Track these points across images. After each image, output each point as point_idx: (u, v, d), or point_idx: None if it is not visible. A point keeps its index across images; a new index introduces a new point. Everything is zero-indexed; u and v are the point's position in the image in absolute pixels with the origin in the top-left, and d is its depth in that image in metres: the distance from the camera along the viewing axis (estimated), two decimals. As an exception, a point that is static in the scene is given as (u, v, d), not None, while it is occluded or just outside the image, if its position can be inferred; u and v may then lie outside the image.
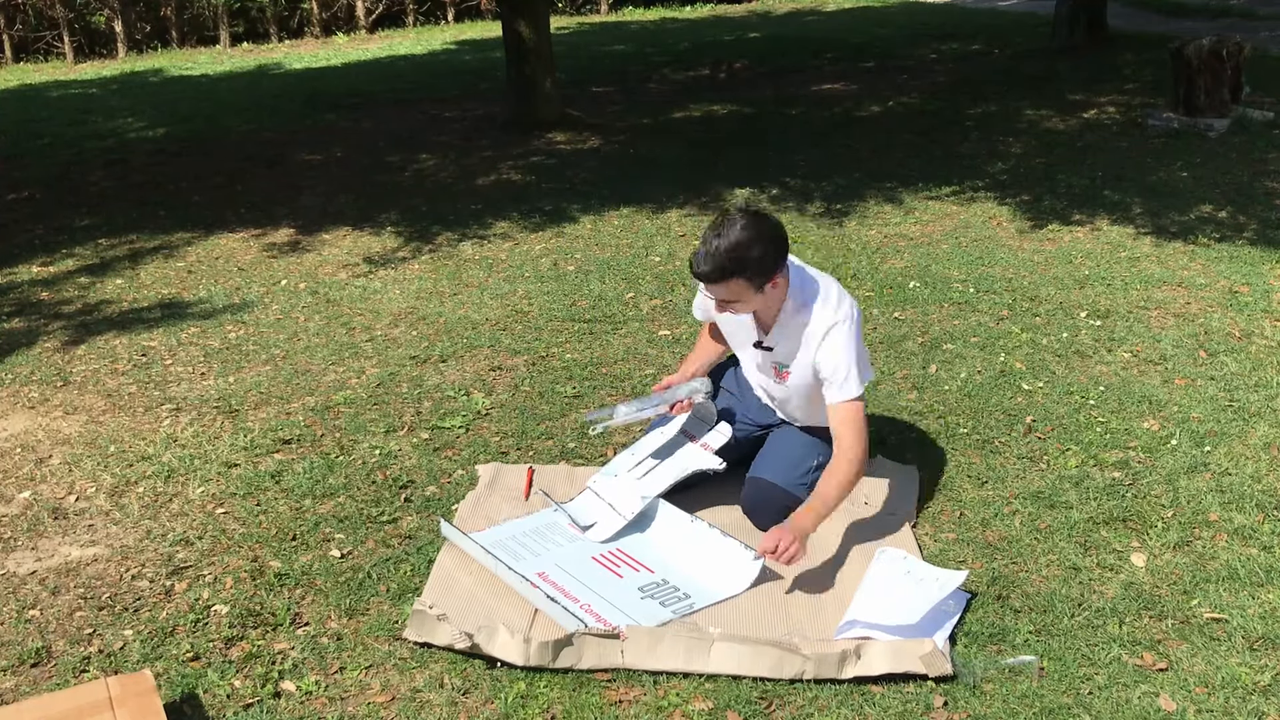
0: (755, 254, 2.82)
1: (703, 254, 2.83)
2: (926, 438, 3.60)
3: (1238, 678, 2.45)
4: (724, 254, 2.80)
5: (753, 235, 2.81)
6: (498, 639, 2.53)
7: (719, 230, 2.82)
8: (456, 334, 4.70)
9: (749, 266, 2.82)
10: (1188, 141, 7.37)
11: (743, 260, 2.81)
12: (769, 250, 2.84)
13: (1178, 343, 4.25)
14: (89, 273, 5.85)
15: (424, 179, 7.68)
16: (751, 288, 2.87)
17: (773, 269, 2.87)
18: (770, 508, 3.07)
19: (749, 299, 2.91)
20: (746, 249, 2.80)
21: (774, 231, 2.87)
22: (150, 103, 11.47)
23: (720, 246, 2.81)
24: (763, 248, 2.83)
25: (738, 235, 2.80)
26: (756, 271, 2.84)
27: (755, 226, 2.83)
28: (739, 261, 2.81)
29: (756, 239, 2.82)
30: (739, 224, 2.82)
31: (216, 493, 3.43)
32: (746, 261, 2.82)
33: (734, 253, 2.80)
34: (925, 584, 2.68)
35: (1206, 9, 13.51)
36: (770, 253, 2.85)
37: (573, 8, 18.35)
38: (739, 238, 2.80)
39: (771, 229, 2.86)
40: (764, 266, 2.84)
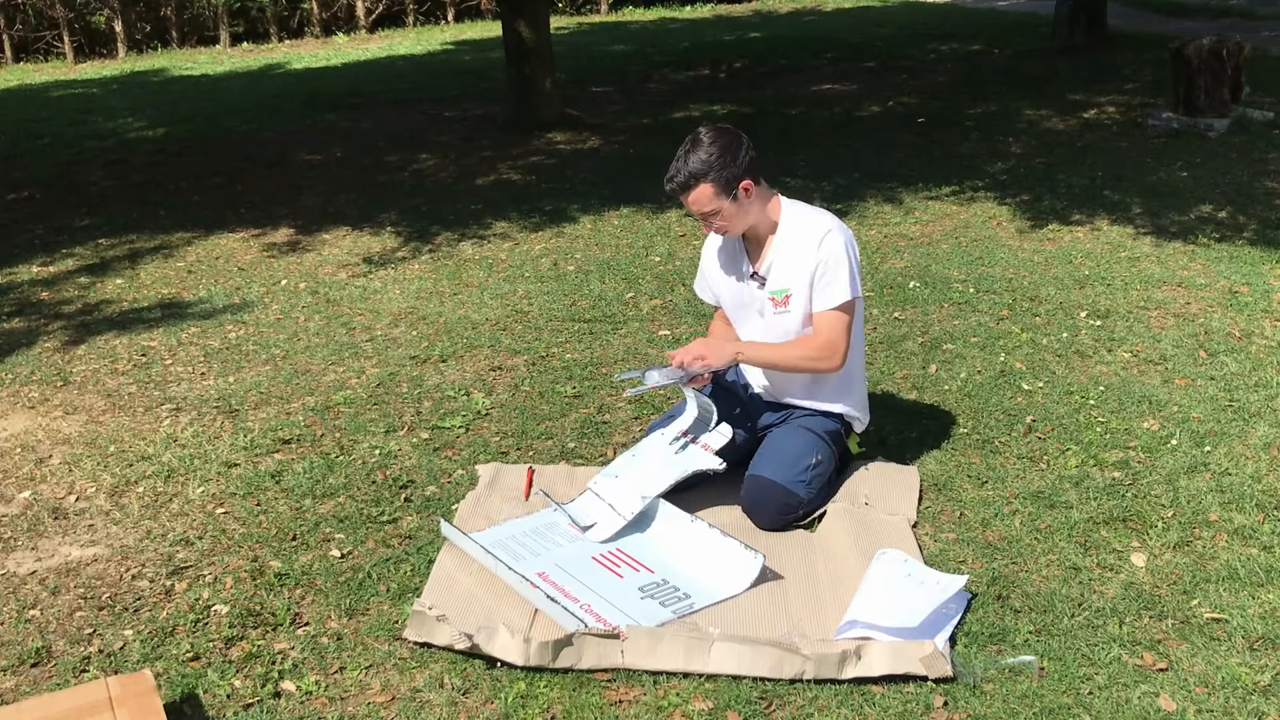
0: (717, 155, 2.99)
1: (671, 170, 3.03)
2: (926, 438, 3.60)
3: (1238, 678, 2.45)
4: (689, 160, 3.00)
5: (713, 138, 3.02)
6: (498, 639, 2.53)
7: (685, 145, 3.04)
8: (456, 334, 4.70)
9: (713, 167, 2.99)
10: (1188, 141, 7.38)
11: (707, 162, 2.99)
12: (729, 148, 3.01)
13: (1178, 343, 4.25)
14: (89, 273, 5.85)
15: (424, 179, 7.68)
16: (723, 193, 3.01)
17: (738, 168, 3.01)
18: (770, 506, 3.08)
19: (727, 209, 3.04)
20: (708, 151, 3.00)
21: (734, 137, 3.04)
22: (150, 103, 11.48)
23: (684, 154, 3.02)
24: (722, 147, 3.00)
25: (701, 142, 3.01)
26: (721, 169, 2.99)
27: (716, 133, 3.04)
28: (704, 163, 2.99)
29: (716, 140, 3.01)
30: (702, 133, 3.04)
31: (216, 493, 3.43)
32: (710, 163, 2.99)
33: (698, 158, 3.00)
34: (926, 586, 2.68)
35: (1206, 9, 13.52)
36: (731, 150, 3.01)
37: (573, 8, 18.35)
38: (702, 143, 3.01)
39: (731, 135, 3.04)
40: (727, 164, 2.99)
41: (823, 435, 3.21)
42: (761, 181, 3.09)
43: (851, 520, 3.05)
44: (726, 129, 3.06)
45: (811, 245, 3.07)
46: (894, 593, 2.67)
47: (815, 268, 3.06)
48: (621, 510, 3.08)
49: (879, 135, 8.24)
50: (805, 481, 3.09)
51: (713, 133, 3.04)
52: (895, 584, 2.70)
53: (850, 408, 3.29)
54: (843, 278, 3.06)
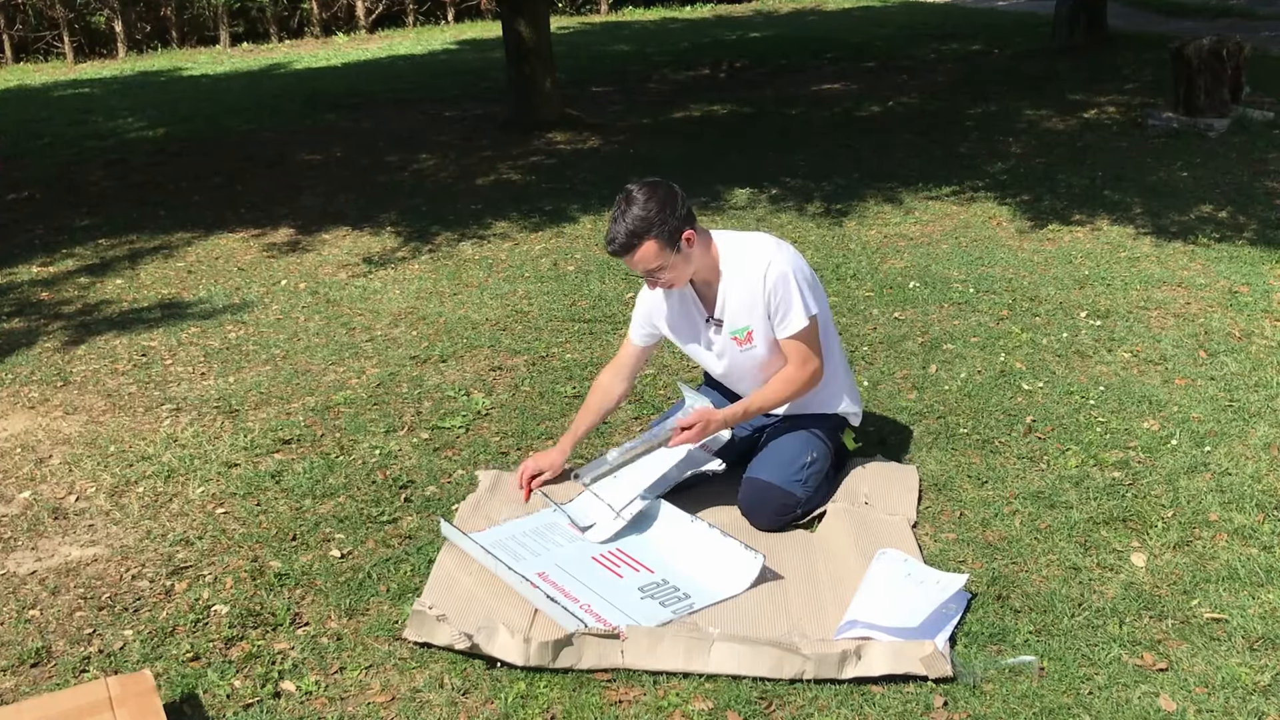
0: (655, 209, 2.93)
1: (610, 233, 2.97)
2: (926, 438, 3.60)
3: (1238, 678, 2.45)
4: (626, 220, 2.93)
5: (648, 195, 2.95)
6: (498, 639, 2.53)
7: (618, 206, 2.97)
8: (456, 334, 4.70)
9: (653, 223, 2.93)
10: (1188, 141, 7.38)
11: (646, 219, 2.93)
12: (667, 201, 2.95)
13: (1178, 343, 4.25)
14: (89, 273, 5.85)
15: (424, 179, 7.68)
16: (667, 247, 2.96)
17: (678, 221, 2.96)
18: (768, 507, 3.08)
19: (672, 262, 2.99)
20: (645, 208, 2.93)
21: (668, 189, 2.99)
22: (150, 103, 11.48)
23: (620, 215, 2.95)
24: (660, 201, 2.94)
25: (635, 200, 2.95)
26: (662, 224, 2.93)
27: (649, 189, 2.97)
28: (643, 221, 2.93)
29: (651, 195, 2.95)
30: (634, 190, 2.97)
31: (216, 493, 3.43)
32: (649, 220, 2.93)
33: (635, 215, 2.93)
34: (926, 586, 2.68)
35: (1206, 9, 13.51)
36: (669, 203, 2.95)
37: (573, 8, 18.35)
38: (637, 201, 2.95)
39: (665, 188, 2.99)
40: (667, 217, 2.94)
41: (818, 434, 3.21)
42: (699, 226, 3.05)
43: (851, 520, 3.05)
44: (657, 182, 3.00)
45: (757, 281, 3.03)
46: (894, 592, 2.67)
47: (766, 302, 3.04)
48: (621, 511, 3.08)
49: (879, 135, 8.24)
50: (802, 481, 3.09)
51: (646, 189, 2.97)
52: (895, 584, 2.70)
53: (842, 406, 3.29)
54: (795, 304, 3.03)
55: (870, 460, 3.42)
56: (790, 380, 3.11)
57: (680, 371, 4.19)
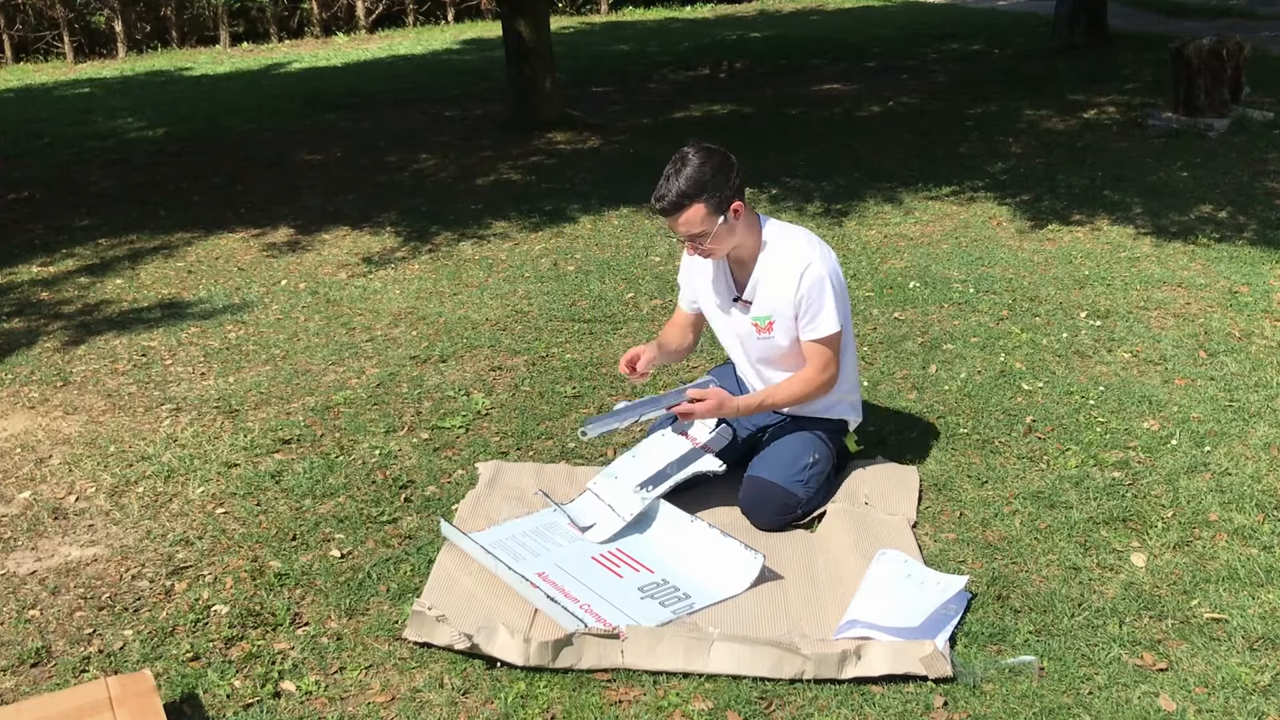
0: (709, 174, 2.90)
1: (660, 190, 2.94)
2: (926, 438, 3.60)
3: (1238, 678, 2.45)
4: (679, 179, 2.90)
5: (704, 158, 2.92)
6: (497, 639, 2.53)
7: (673, 164, 2.94)
8: (456, 334, 4.70)
9: (705, 188, 2.90)
10: (1188, 141, 7.38)
11: (699, 182, 2.90)
12: (722, 168, 2.92)
13: (1178, 343, 4.25)
14: (89, 273, 5.85)
15: (424, 179, 7.68)
16: (714, 213, 2.93)
17: (729, 190, 2.94)
18: (769, 506, 3.08)
19: (716, 231, 2.95)
20: (700, 171, 2.90)
21: (724, 157, 2.96)
22: (150, 103, 11.48)
23: (673, 174, 2.92)
24: (714, 167, 2.91)
25: (690, 161, 2.91)
26: (713, 191, 2.91)
27: (706, 152, 2.94)
28: (695, 183, 2.89)
29: (707, 160, 2.92)
30: (690, 152, 2.94)
31: (216, 493, 3.43)
32: (703, 183, 2.90)
33: (689, 176, 2.90)
34: (926, 587, 2.68)
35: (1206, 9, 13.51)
36: (724, 170, 2.93)
37: (573, 8, 18.35)
38: (692, 163, 2.91)
39: (721, 155, 2.96)
40: (719, 186, 2.91)
41: (820, 435, 3.21)
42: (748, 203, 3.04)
43: (851, 520, 3.05)
44: (715, 149, 2.98)
45: (793, 277, 3.02)
46: (894, 593, 2.67)
47: (799, 302, 3.03)
48: (621, 511, 3.08)
49: (879, 135, 8.24)
50: (803, 481, 3.09)
51: (703, 152, 2.94)
52: (895, 584, 2.70)
53: (845, 411, 3.30)
54: (828, 311, 3.03)
55: (871, 461, 3.42)
56: (808, 382, 3.11)
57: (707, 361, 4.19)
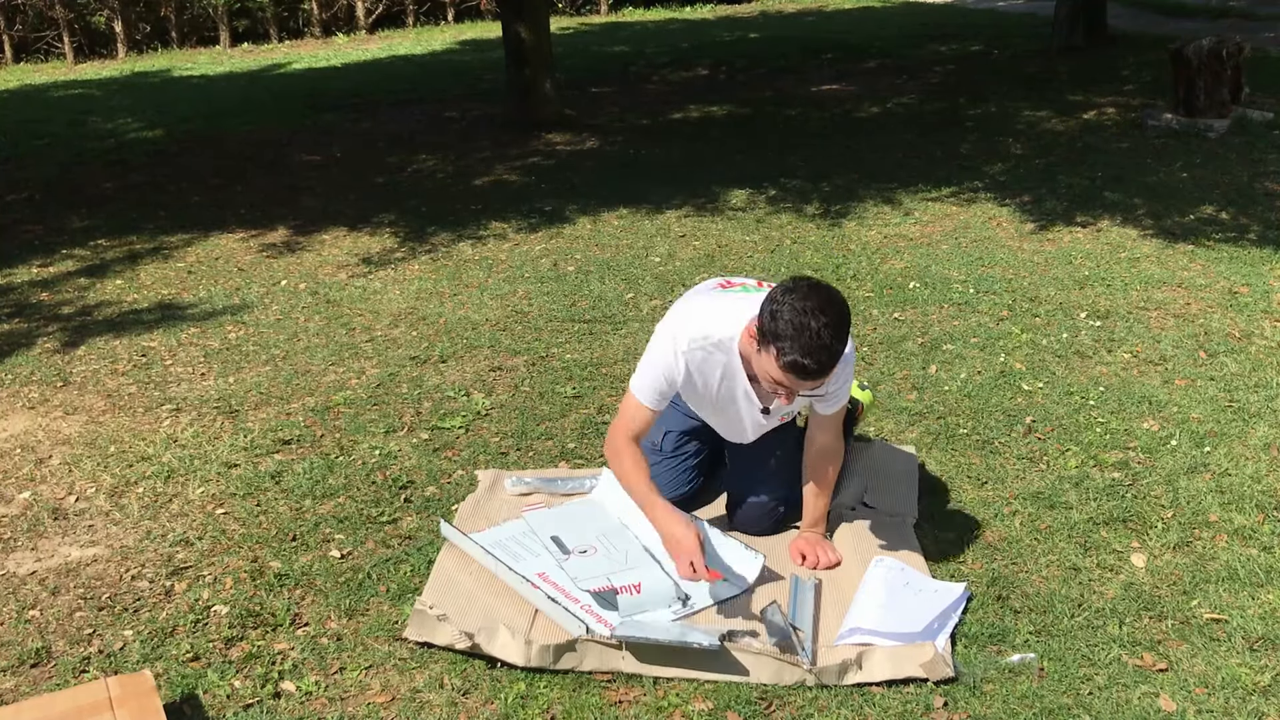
0: (848, 321, 2.52)
1: (811, 345, 2.42)
2: (926, 438, 3.60)
3: (1238, 678, 2.45)
4: (834, 336, 2.45)
5: (838, 295, 2.52)
6: (498, 639, 2.53)
7: (806, 314, 2.43)
8: (456, 334, 4.70)
9: (847, 340, 2.54)
10: (1188, 142, 7.38)
11: (849, 329, 2.52)
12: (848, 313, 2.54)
13: (1178, 343, 4.25)
14: (88, 273, 5.85)
15: (423, 179, 7.68)
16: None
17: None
18: (761, 522, 3.07)
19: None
20: (847, 316, 2.50)
21: (836, 292, 2.53)
22: (150, 103, 11.47)
23: (826, 329, 2.43)
24: (846, 308, 2.53)
25: (831, 304, 2.47)
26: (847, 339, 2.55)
27: (828, 290, 2.51)
28: (847, 337, 2.52)
29: (841, 297, 2.53)
30: (818, 294, 2.47)
31: (216, 493, 3.43)
32: (846, 335, 2.52)
33: (842, 328, 2.47)
34: (924, 595, 2.68)
35: (1206, 9, 13.51)
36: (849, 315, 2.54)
37: (573, 8, 18.34)
38: (834, 304, 2.47)
39: (827, 284, 2.55)
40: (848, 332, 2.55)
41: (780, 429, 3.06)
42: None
43: (851, 523, 3.05)
44: (819, 285, 2.51)
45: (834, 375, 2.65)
46: (893, 600, 2.67)
47: (829, 389, 2.76)
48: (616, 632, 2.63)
49: (879, 136, 8.24)
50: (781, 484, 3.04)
51: (828, 288, 2.50)
52: (894, 592, 2.70)
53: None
54: (848, 387, 2.86)
55: (868, 447, 3.42)
56: (836, 456, 2.95)
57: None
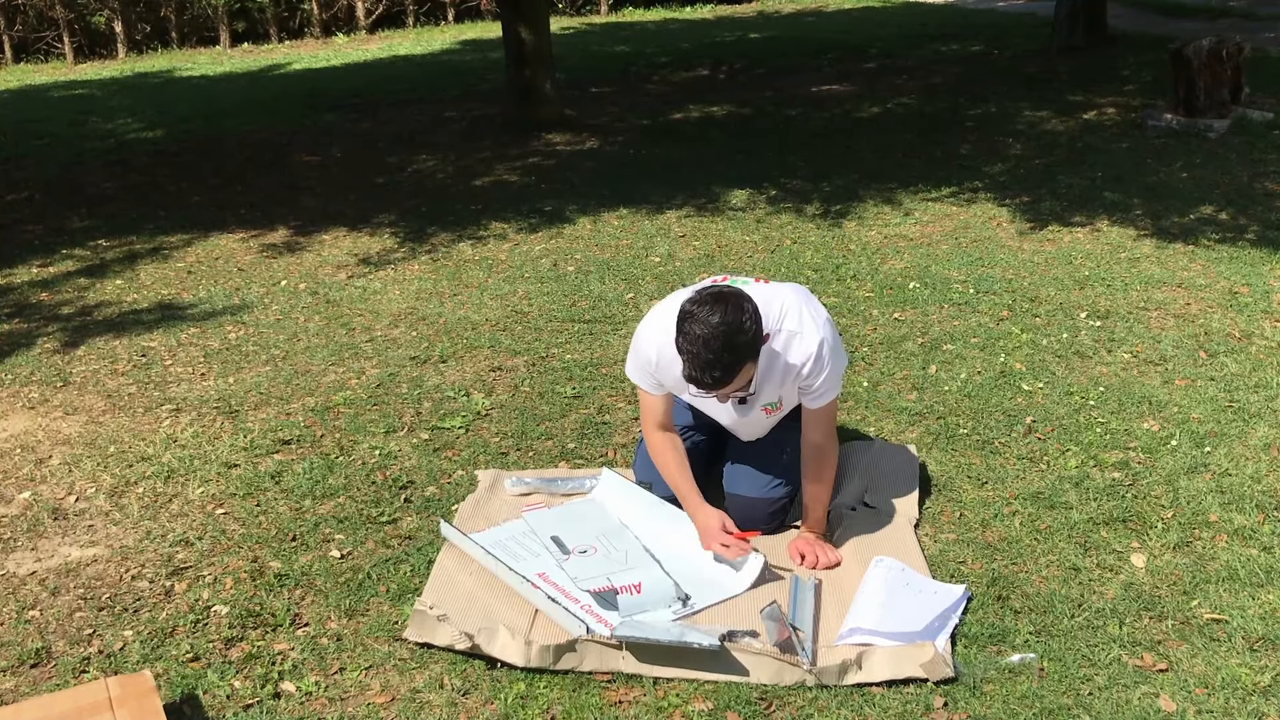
0: (749, 333, 2.59)
1: (701, 361, 2.56)
2: (926, 438, 3.60)
3: (1238, 678, 2.45)
4: (724, 352, 2.56)
5: (735, 310, 2.58)
6: (498, 640, 2.53)
7: (699, 325, 2.55)
8: (456, 334, 4.70)
9: (749, 349, 2.61)
10: (1187, 142, 7.38)
11: (744, 346, 2.59)
12: (753, 320, 2.61)
13: (1178, 343, 4.25)
14: (88, 274, 5.85)
15: (423, 180, 7.68)
16: (754, 362, 2.67)
17: (762, 333, 2.67)
18: (758, 519, 3.06)
19: (747, 377, 2.70)
20: (739, 333, 2.57)
21: (740, 299, 2.62)
22: (150, 103, 11.47)
23: (715, 342, 2.54)
24: (748, 321, 2.59)
25: (724, 320, 2.55)
26: (754, 346, 2.64)
27: (726, 303, 2.58)
28: (744, 348, 2.59)
29: (738, 316, 2.58)
30: (714, 309, 2.57)
31: (216, 493, 3.43)
32: (745, 346, 2.59)
33: (732, 345, 2.56)
34: (924, 595, 2.68)
35: (1206, 9, 13.51)
36: (755, 321, 2.62)
37: (573, 8, 18.34)
38: (726, 321, 2.55)
39: (736, 298, 2.61)
40: (758, 338, 2.64)
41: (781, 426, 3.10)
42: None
43: (852, 523, 3.05)
44: (720, 294, 2.61)
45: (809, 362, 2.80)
46: (893, 601, 2.67)
47: (810, 383, 2.84)
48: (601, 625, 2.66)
49: (878, 136, 8.24)
50: (782, 481, 3.06)
51: (729, 299, 2.57)
52: (894, 592, 2.70)
53: None
54: (835, 381, 2.87)
55: (868, 446, 3.42)
56: (829, 455, 2.96)
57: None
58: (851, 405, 3.85)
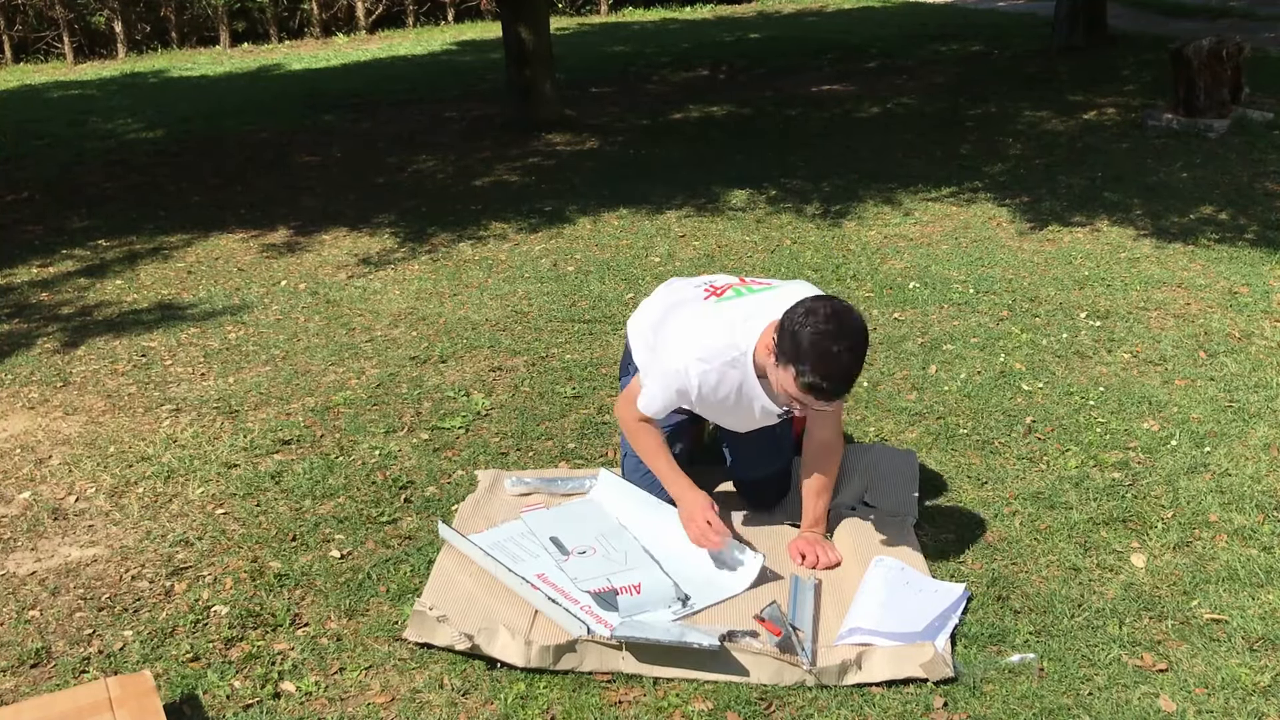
0: (867, 344, 2.59)
1: (845, 378, 2.52)
2: (926, 438, 3.60)
3: (1238, 678, 2.45)
4: (854, 364, 2.52)
5: (862, 323, 2.57)
6: (498, 640, 2.53)
7: (837, 342, 2.49)
8: (456, 334, 4.70)
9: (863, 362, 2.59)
10: (1187, 142, 7.38)
11: (864, 358, 2.58)
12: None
13: (1177, 343, 4.25)
14: (88, 274, 5.85)
15: (423, 180, 7.68)
16: None
17: None
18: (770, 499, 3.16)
19: None
20: (866, 346, 2.57)
21: (845, 303, 2.60)
22: (150, 103, 11.47)
23: (856, 362, 2.52)
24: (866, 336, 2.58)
25: (858, 335, 2.53)
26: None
27: (854, 318, 2.55)
28: (863, 361, 2.58)
29: (864, 324, 2.58)
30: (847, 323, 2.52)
31: (216, 493, 3.43)
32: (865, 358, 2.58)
33: (861, 356, 2.55)
34: (925, 594, 2.68)
35: (1206, 9, 13.51)
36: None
37: (572, 8, 18.34)
38: (861, 335, 2.54)
39: (839, 302, 2.59)
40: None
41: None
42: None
43: (852, 523, 3.05)
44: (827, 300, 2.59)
45: None
46: (893, 600, 2.66)
47: None
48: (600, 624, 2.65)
49: (878, 136, 8.24)
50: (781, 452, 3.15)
51: (853, 314, 2.56)
52: (894, 591, 2.70)
53: None
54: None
55: (868, 447, 3.42)
56: (836, 453, 2.97)
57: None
58: (851, 405, 3.85)
